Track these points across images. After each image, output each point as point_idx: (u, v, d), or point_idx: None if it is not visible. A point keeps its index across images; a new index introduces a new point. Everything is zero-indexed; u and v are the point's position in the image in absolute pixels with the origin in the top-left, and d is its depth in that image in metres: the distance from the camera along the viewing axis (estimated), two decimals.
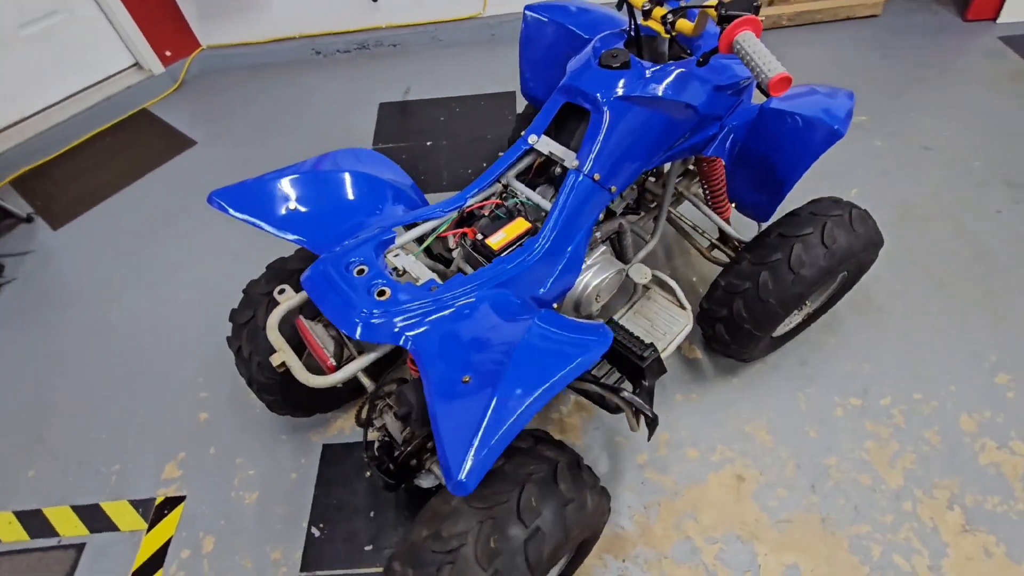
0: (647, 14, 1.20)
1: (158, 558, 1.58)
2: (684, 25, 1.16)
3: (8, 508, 1.72)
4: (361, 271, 1.07)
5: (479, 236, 1.22)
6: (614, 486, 1.62)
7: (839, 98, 1.25)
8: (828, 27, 3.14)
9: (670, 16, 1.13)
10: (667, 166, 1.60)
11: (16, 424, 1.91)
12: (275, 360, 1.00)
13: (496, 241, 1.20)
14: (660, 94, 1.14)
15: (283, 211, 1.21)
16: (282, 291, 1.11)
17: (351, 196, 1.28)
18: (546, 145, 1.26)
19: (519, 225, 1.22)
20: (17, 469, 1.80)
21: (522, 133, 1.28)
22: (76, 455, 1.81)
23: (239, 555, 1.57)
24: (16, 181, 2.78)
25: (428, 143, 2.75)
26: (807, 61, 2.94)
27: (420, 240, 1.23)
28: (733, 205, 1.58)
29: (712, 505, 1.57)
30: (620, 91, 1.14)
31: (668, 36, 1.20)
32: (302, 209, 1.23)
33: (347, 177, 1.31)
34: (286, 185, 1.26)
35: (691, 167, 1.73)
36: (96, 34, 2.93)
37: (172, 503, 1.69)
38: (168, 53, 3.16)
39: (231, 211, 1.18)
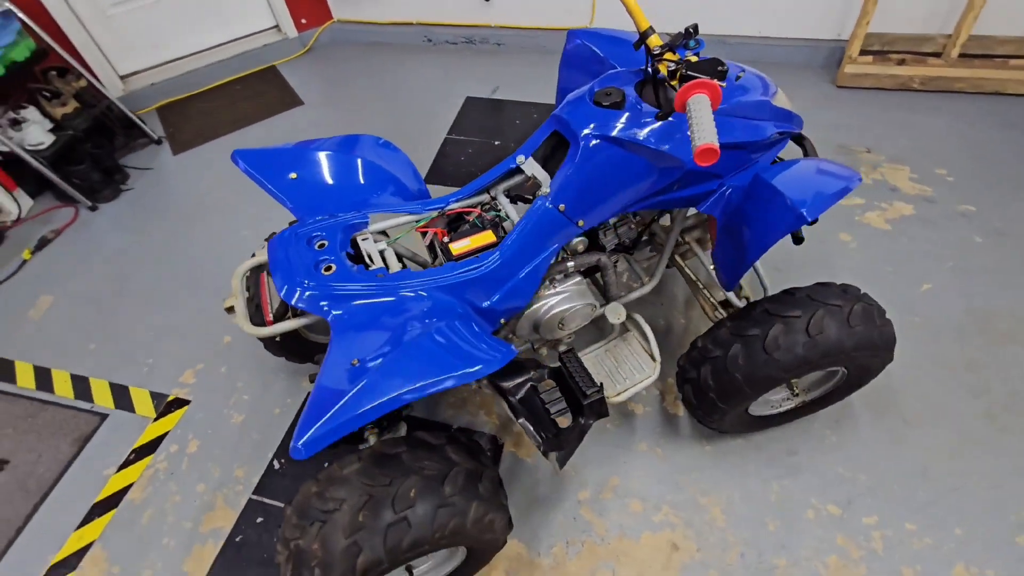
0: (658, 58, 1.18)
1: (153, 445, 1.86)
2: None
3: (68, 369, 2.10)
4: (322, 245, 1.19)
5: (446, 239, 1.29)
6: (545, 513, 1.62)
7: (836, 179, 1.14)
8: (966, 99, 2.76)
9: (672, 65, 1.11)
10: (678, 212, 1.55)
11: (96, 303, 2.31)
12: (226, 303, 1.15)
13: (458, 247, 1.26)
14: (640, 139, 1.13)
15: (289, 179, 1.36)
16: (264, 246, 1.26)
17: (352, 180, 1.40)
18: (531, 167, 1.29)
19: (484, 237, 1.27)
20: (85, 341, 2.19)
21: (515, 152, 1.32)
22: (126, 342, 2.16)
23: (212, 463, 1.80)
24: (160, 108, 3.31)
25: (496, 142, 2.85)
26: (925, 133, 2.62)
27: (386, 231, 1.32)
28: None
29: (636, 564, 1.52)
30: (600, 129, 1.14)
31: (670, 85, 1.17)
32: (306, 181, 1.37)
33: (358, 163, 1.44)
34: (302, 157, 1.41)
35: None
36: None
37: (179, 404, 1.96)
38: (304, 21, 3.55)
39: (248, 169, 1.36)
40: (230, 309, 1.15)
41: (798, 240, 1.57)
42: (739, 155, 1.23)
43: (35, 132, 2.53)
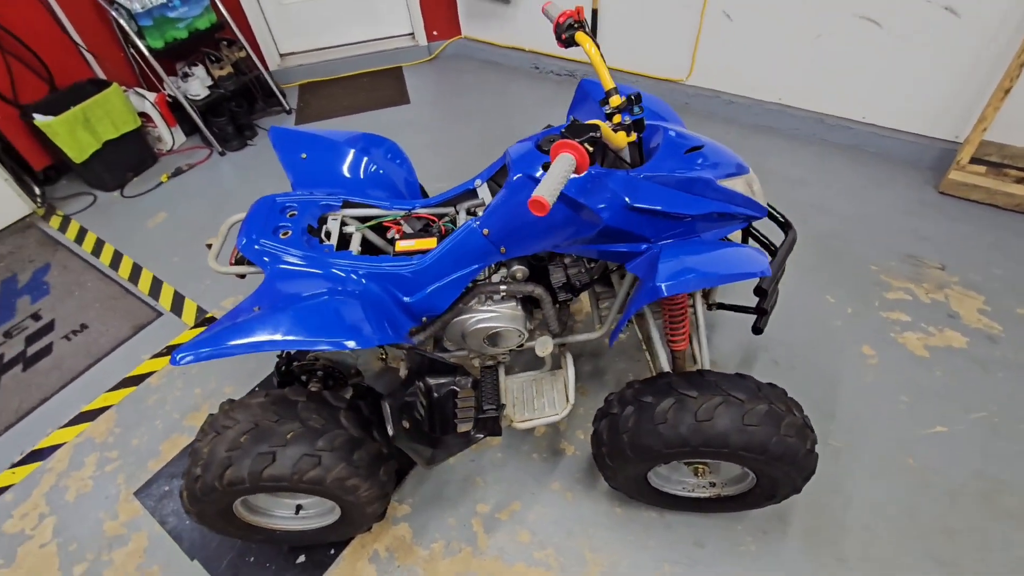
0: (609, 116, 1.26)
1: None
2: (620, 138, 1.21)
3: (154, 271, 2.63)
4: (292, 215, 1.44)
5: (397, 236, 1.47)
6: (442, 510, 1.72)
7: (732, 266, 1.10)
8: None
9: (616, 125, 1.20)
10: None
11: (194, 228, 2.85)
12: (208, 240, 1.44)
13: (402, 245, 1.43)
14: None
15: (300, 158, 1.64)
16: None
17: (352, 171, 1.64)
18: (483, 192, 1.43)
19: (427, 243, 1.43)
20: (172, 254, 2.72)
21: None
22: (199, 263, 2.65)
23: (212, 375, 2.16)
24: (301, 86, 3.92)
25: None
26: (1018, 260, 2.26)
27: (363, 219, 1.54)
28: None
29: None
30: (528, 169, 1.24)
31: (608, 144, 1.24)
32: (312, 163, 1.63)
33: (363, 159, 1.67)
34: (321, 144, 1.68)
35: None
36: (393, 4, 3.88)
37: (212, 321, 2.37)
38: (435, 32, 3.99)
39: (275, 143, 1.66)
40: (209, 245, 1.44)
41: (757, 331, 1.52)
42: (667, 223, 1.26)
43: (196, 86, 3.19)
